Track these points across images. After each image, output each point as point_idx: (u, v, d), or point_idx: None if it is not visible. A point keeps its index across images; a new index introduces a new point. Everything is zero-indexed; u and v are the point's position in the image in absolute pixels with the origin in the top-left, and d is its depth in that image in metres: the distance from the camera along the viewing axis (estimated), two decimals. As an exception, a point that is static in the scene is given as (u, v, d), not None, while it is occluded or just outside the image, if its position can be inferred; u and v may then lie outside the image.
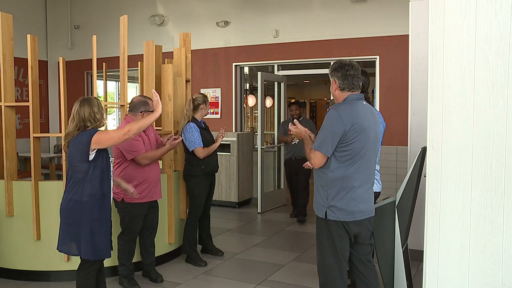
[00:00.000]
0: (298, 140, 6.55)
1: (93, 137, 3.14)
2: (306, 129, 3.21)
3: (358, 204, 2.99)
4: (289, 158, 6.95)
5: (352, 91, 3.03)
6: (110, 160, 3.35)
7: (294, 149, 6.80)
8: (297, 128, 3.18)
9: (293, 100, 7.41)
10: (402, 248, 3.60)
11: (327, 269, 3.05)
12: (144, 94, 4.77)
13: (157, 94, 3.54)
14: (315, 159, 2.95)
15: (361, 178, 2.99)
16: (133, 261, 4.34)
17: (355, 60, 8.07)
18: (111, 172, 3.36)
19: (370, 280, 3.16)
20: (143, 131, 4.15)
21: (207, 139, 4.89)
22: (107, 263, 3.60)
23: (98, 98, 3.36)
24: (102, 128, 3.37)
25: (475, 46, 2.99)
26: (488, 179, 2.96)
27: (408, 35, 5.01)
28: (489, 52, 2.95)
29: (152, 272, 4.43)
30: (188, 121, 4.83)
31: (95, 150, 3.18)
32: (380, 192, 3.91)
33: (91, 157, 3.17)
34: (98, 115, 3.20)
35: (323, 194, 3.00)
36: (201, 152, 4.78)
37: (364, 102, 3.07)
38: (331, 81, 3.08)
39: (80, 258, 3.32)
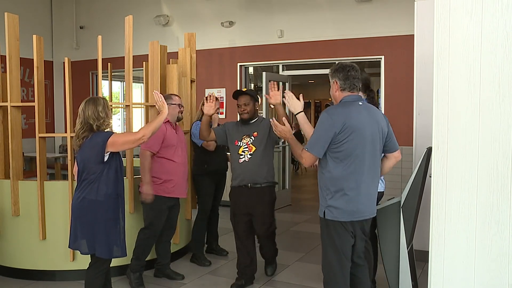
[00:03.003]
0: (250, 155, 4.06)
1: (109, 139, 3.19)
2: (290, 129, 3.31)
3: (356, 204, 3.01)
4: (238, 185, 4.14)
5: (352, 92, 3.10)
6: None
7: (244, 172, 4.09)
8: (284, 127, 3.27)
9: (244, 89, 4.74)
10: (407, 248, 3.59)
11: (329, 267, 3.10)
12: (149, 95, 4.82)
13: (161, 95, 3.62)
14: (306, 159, 3.04)
15: (358, 178, 3.01)
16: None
17: (360, 60, 8.03)
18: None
19: (360, 277, 3.24)
20: (175, 135, 4.29)
21: None
22: (114, 262, 3.61)
23: (105, 98, 3.39)
24: (115, 130, 3.41)
25: (481, 46, 2.98)
26: (494, 179, 2.94)
27: (413, 35, 5.00)
28: (495, 52, 2.94)
29: (169, 271, 4.47)
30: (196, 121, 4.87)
31: (109, 152, 3.23)
32: (383, 191, 3.90)
33: (105, 158, 3.22)
34: (102, 114, 3.24)
35: (322, 194, 3.07)
36: (206, 145, 4.76)
37: (360, 103, 3.10)
38: (332, 83, 3.16)
39: (91, 256, 3.34)
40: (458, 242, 3.05)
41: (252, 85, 9.82)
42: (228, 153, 4.62)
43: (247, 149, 4.08)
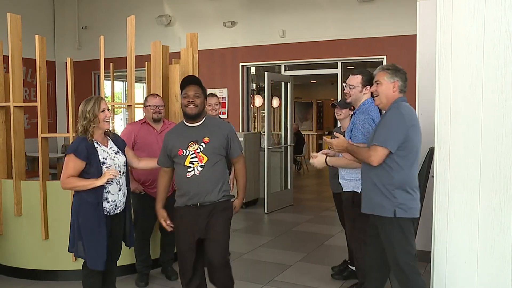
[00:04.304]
0: (201, 168, 3.13)
1: (67, 154, 3.18)
2: (347, 140, 3.15)
3: (417, 200, 2.98)
4: (185, 205, 3.22)
5: (404, 95, 3.07)
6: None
7: (193, 188, 3.16)
8: (338, 139, 3.08)
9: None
10: (409, 249, 3.58)
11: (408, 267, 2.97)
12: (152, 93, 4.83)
13: (112, 172, 3.18)
14: (377, 156, 2.89)
15: (417, 175, 3.01)
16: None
17: (362, 61, 7.98)
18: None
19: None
20: (154, 135, 4.24)
21: None
22: (121, 261, 3.61)
23: (103, 98, 3.32)
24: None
25: (484, 46, 2.97)
26: (496, 179, 2.94)
27: (415, 35, 4.99)
28: (498, 51, 2.93)
29: (168, 269, 4.48)
30: None
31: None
32: None
33: None
34: (88, 114, 3.18)
35: (388, 194, 2.92)
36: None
37: None
38: (389, 82, 3.04)
39: None
40: (460, 242, 3.04)
41: (254, 85, 9.83)
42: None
43: (196, 159, 3.15)
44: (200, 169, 3.13)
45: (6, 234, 4.46)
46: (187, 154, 3.15)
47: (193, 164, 3.14)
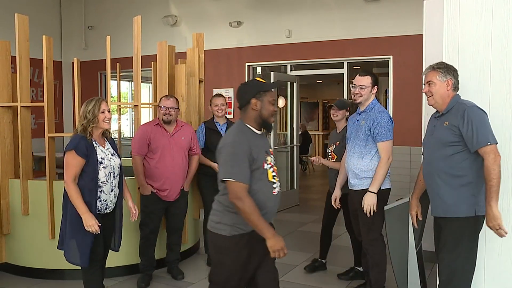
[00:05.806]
0: (279, 182, 2.80)
1: (67, 151, 3.19)
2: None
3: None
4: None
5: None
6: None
7: (275, 206, 2.84)
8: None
9: None
10: (416, 249, 3.57)
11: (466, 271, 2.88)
12: (157, 95, 4.84)
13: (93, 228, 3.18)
14: (497, 152, 2.71)
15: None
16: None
17: (368, 60, 7.95)
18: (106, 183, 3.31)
19: None
20: (166, 137, 4.24)
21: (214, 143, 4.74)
22: (121, 262, 3.62)
23: (104, 100, 3.33)
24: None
25: (491, 46, 2.96)
26: (504, 181, 2.92)
27: (422, 34, 4.97)
28: (506, 51, 2.92)
29: (174, 269, 4.49)
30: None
31: None
32: (390, 188, 3.85)
33: None
34: (88, 114, 3.23)
35: (468, 192, 2.82)
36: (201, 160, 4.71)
37: None
38: (442, 81, 2.92)
39: None
40: (467, 243, 3.02)
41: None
42: None
43: (274, 173, 2.72)
44: (279, 183, 2.76)
45: (13, 234, 4.48)
46: (267, 168, 2.67)
47: (274, 179, 2.70)
